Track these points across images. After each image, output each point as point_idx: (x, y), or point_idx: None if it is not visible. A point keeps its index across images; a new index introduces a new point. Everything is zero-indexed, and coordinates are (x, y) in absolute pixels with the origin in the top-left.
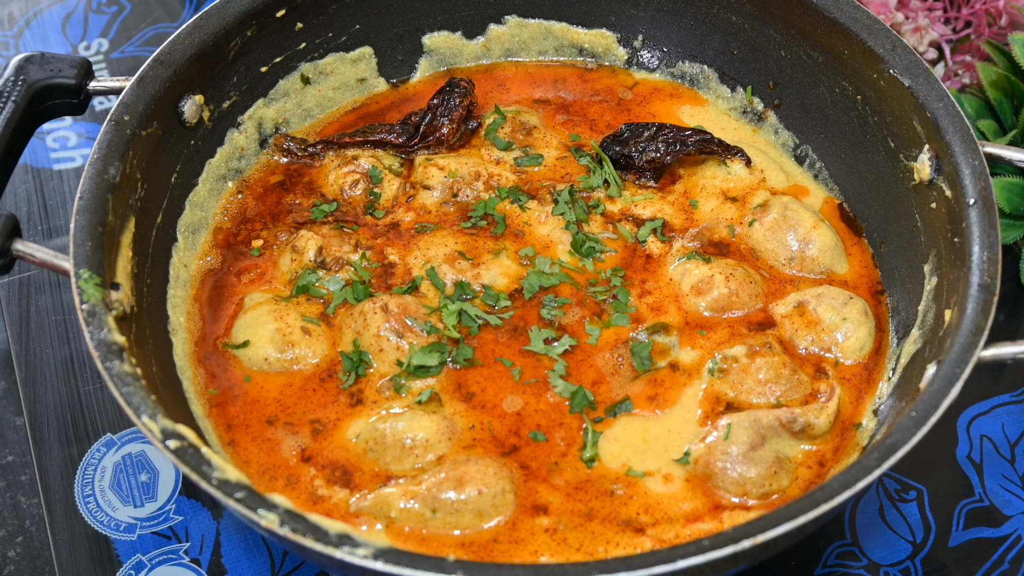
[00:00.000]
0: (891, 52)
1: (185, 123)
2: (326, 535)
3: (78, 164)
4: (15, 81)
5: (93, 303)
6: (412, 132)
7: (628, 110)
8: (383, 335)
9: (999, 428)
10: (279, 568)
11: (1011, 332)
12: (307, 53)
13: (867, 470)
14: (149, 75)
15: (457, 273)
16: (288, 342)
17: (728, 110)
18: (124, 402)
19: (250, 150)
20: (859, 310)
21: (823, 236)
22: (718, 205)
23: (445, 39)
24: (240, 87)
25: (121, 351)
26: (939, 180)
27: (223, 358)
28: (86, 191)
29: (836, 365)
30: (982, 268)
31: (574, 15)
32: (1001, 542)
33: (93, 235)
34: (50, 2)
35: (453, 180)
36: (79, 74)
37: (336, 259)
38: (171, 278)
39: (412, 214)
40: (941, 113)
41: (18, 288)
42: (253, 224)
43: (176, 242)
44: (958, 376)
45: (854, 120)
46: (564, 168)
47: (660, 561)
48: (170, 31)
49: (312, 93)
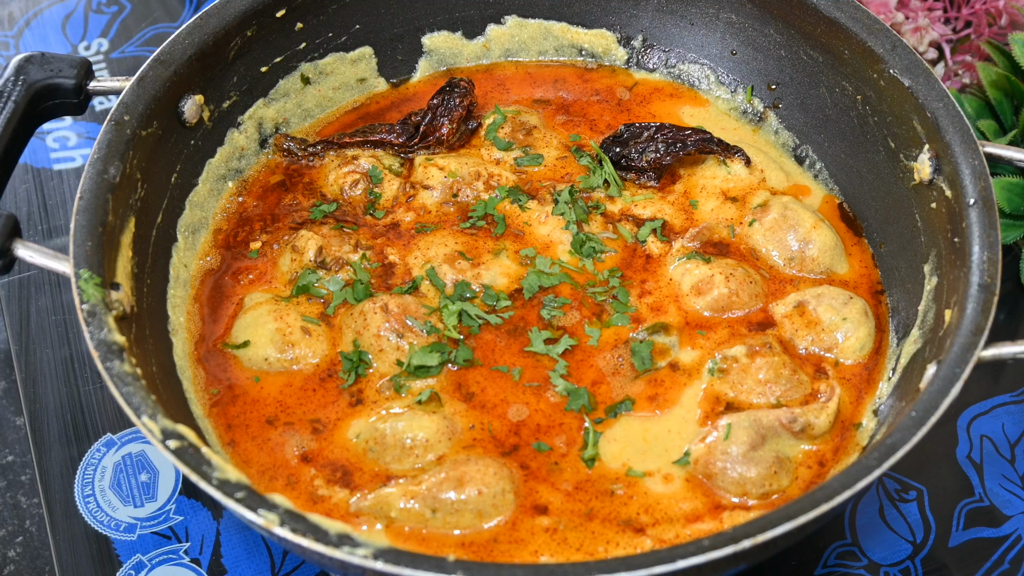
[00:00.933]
0: (891, 52)
1: (185, 123)
2: (326, 535)
3: (78, 164)
4: (15, 81)
5: (93, 303)
6: (412, 132)
7: (628, 110)
8: (383, 335)
9: (999, 428)
10: (279, 568)
11: (1011, 332)
12: (307, 53)
13: (867, 470)
14: (149, 75)
15: (457, 273)
16: (288, 342)
17: (728, 110)
18: (124, 402)
19: (250, 150)
20: (859, 310)
21: (823, 236)
22: (718, 205)
23: (445, 39)
24: (240, 87)
25: (121, 351)
26: (939, 180)
27: (223, 358)
28: (86, 191)
29: (836, 365)
30: (982, 268)
31: (574, 15)
32: (1001, 542)
33: (93, 235)
34: (50, 2)
35: (453, 180)
36: (79, 74)
37: (336, 259)
38: (171, 278)
39: (412, 214)
40: (941, 113)
41: (18, 288)
42: (253, 224)
43: (176, 242)
44: (958, 376)
45: (854, 120)
46: (564, 168)
47: (660, 561)
48: (170, 31)
49: (312, 93)
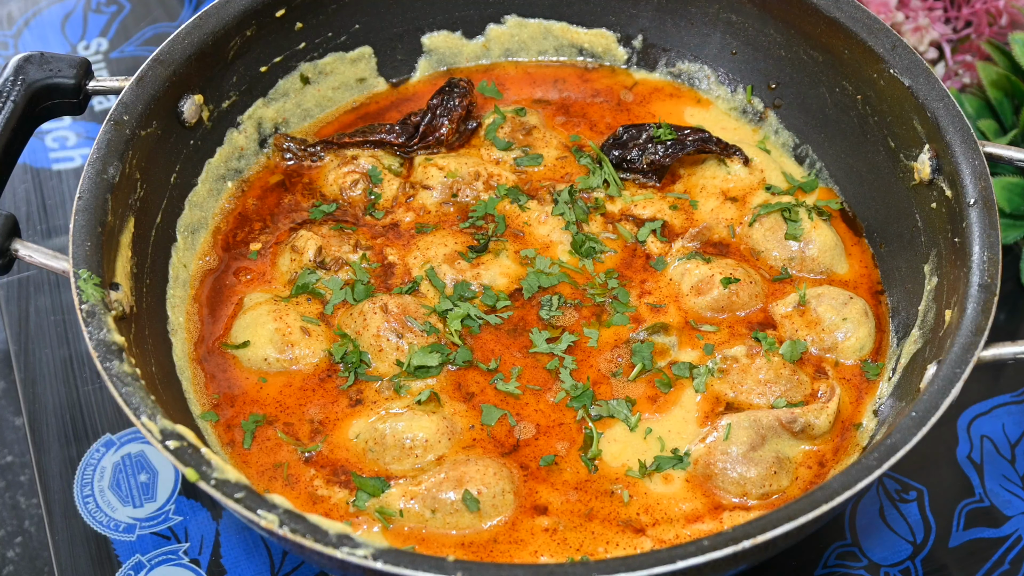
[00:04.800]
0: (891, 52)
1: (184, 123)
2: (326, 535)
3: (77, 164)
4: (14, 81)
5: (92, 303)
6: (412, 132)
7: (628, 110)
8: (383, 335)
9: (999, 428)
10: (278, 568)
11: (1011, 332)
12: (307, 53)
13: (867, 470)
14: (148, 75)
15: (457, 273)
16: (288, 342)
17: (728, 110)
18: (123, 402)
19: (249, 150)
20: (859, 310)
21: (823, 236)
22: (718, 205)
23: (445, 39)
24: (240, 87)
25: (120, 351)
26: (939, 180)
27: (223, 358)
28: (85, 191)
29: (836, 365)
30: (982, 268)
31: (574, 15)
32: (1001, 542)
33: (92, 235)
34: (49, 2)
35: (453, 180)
36: (78, 74)
37: (335, 259)
38: (170, 278)
39: (412, 214)
40: (941, 113)
41: (17, 288)
42: (252, 224)
43: (175, 242)
44: (958, 376)
45: (854, 120)
46: (564, 168)
47: (660, 561)
48: (169, 31)
49: (312, 93)
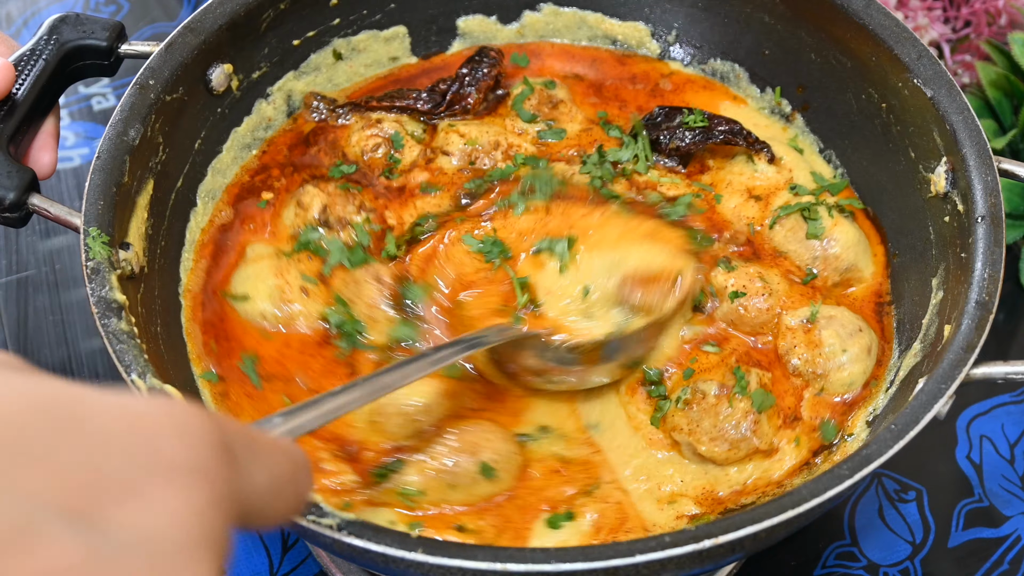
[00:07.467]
0: (916, 61)
1: (212, 91)
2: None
3: (76, 164)
4: (48, 40)
5: (98, 260)
6: (439, 100)
7: (663, 96)
8: (375, 305)
9: (999, 428)
10: (278, 568)
11: (1010, 331)
12: (340, 29)
13: (838, 479)
14: (178, 41)
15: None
16: (286, 300)
17: (758, 108)
18: (116, 359)
19: (277, 121)
20: (863, 346)
21: (845, 232)
22: (741, 202)
23: (480, 23)
24: (271, 59)
25: (120, 309)
26: (953, 194)
27: (221, 307)
28: (104, 151)
29: (820, 392)
30: (982, 285)
31: (609, 6)
32: (1001, 542)
33: (106, 194)
34: (48, 1)
35: (472, 148)
36: (111, 36)
37: (339, 219)
38: (187, 242)
39: (427, 174)
40: (960, 126)
41: (16, 288)
42: (270, 171)
43: (195, 207)
44: (943, 392)
45: (878, 128)
46: (590, 137)
47: (619, 554)
48: (168, 30)
49: (343, 68)
